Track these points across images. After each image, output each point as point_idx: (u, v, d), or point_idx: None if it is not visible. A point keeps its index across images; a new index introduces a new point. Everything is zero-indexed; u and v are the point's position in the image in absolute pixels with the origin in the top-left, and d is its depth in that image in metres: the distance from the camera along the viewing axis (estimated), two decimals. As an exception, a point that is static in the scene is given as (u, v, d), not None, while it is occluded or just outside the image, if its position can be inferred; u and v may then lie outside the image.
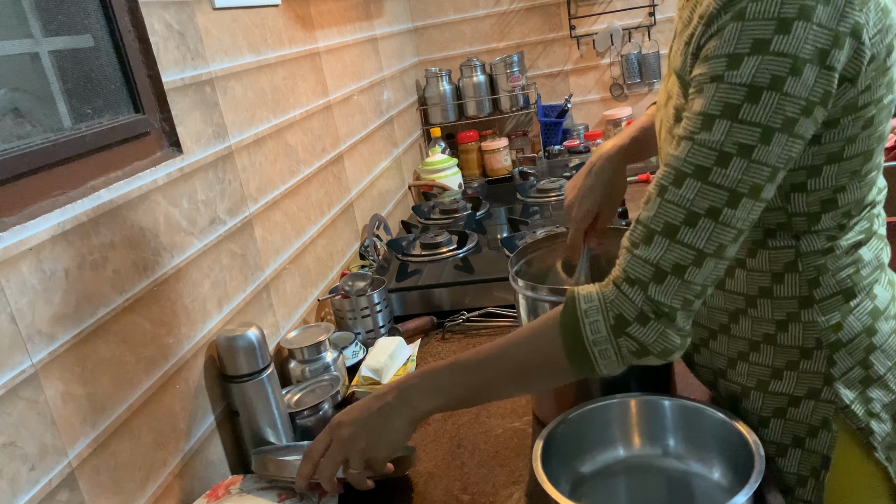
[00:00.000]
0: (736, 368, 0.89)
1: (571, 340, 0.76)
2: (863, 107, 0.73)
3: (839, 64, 0.68)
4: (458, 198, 2.14)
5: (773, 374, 0.85)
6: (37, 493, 0.71)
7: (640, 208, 0.75)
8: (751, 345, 0.86)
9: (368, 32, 2.11)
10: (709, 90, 0.70)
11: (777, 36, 0.66)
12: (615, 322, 0.74)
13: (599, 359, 0.76)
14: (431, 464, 1.04)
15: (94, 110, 0.91)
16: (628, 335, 0.74)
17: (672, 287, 0.72)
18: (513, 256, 1.13)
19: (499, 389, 0.86)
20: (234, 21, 1.27)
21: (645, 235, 0.73)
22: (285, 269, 1.36)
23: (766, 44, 0.66)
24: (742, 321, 0.85)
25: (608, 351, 0.75)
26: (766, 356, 0.85)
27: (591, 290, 0.77)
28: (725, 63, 0.68)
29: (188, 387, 0.99)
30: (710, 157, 0.69)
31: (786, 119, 0.68)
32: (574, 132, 2.72)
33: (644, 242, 0.73)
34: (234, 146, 1.22)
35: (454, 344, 1.41)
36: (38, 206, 0.78)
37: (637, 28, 2.65)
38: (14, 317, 0.71)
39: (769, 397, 0.87)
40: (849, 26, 0.67)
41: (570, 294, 0.78)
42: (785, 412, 0.86)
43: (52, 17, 0.86)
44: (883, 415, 0.82)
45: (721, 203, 0.70)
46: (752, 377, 0.87)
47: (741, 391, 0.90)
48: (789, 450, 0.87)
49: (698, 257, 0.71)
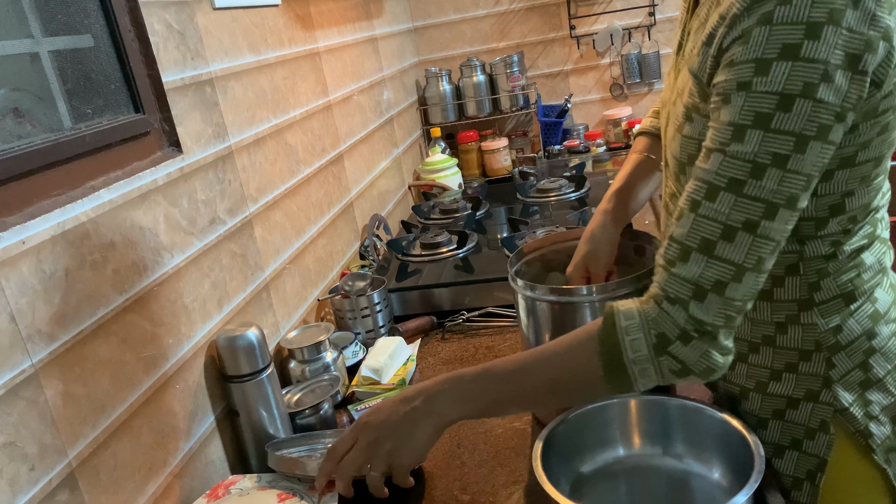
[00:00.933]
0: (735, 369, 0.89)
1: (609, 358, 0.74)
2: (882, 112, 0.72)
3: (871, 68, 0.66)
4: (457, 198, 2.14)
5: (771, 375, 0.85)
6: (37, 493, 0.71)
7: (671, 224, 0.74)
8: (750, 346, 0.86)
9: (368, 32, 2.11)
10: (737, 99, 0.68)
11: (807, 42, 0.64)
12: (657, 341, 0.72)
13: (639, 377, 0.74)
14: (431, 464, 1.04)
15: (94, 110, 0.91)
16: (670, 354, 0.72)
17: (713, 305, 0.70)
18: (512, 256, 1.13)
19: (529, 402, 0.84)
20: (234, 21, 1.27)
21: (681, 253, 0.72)
22: (285, 268, 1.36)
23: (795, 49, 0.65)
24: (742, 323, 0.85)
25: (648, 370, 0.73)
26: (765, 358, 0.85)
27: (630, 307, 0.74)
28: (753, 69, 0.67)
29: (188, 387, 0.99)
30: (744, 168, 0.68)
31: (820, 126, 0.66)
32: (574, 132, 2.72)
33: (681, 260, 0.71)
34: (234, 146, 1.22)
35: (454, 344, 1.41)
36: (38, 205, 0.78)
37: (637, 28, 2.65)
38: (14, 317, 0.71)
39: (768, 399, 0.87)
40: (881, 30, 0.65)
41: (608, 310, 0.76)
42: (783, 414, 0.86)
43: (51, 17, 0.86)
44: (882, 417, 0.81)
45: (758, 216, 0.68)
46: (751, 378, 0.87)
47: (740, 392, 0.90)
48: (786, 451, 0.87)
49: (738, 272, 0.69)
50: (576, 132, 2.72)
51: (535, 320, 1.03)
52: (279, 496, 0.94)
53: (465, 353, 1.36)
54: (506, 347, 1.36)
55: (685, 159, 0.82)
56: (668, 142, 0.87)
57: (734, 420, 0.85)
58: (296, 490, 0.95)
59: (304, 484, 0.96)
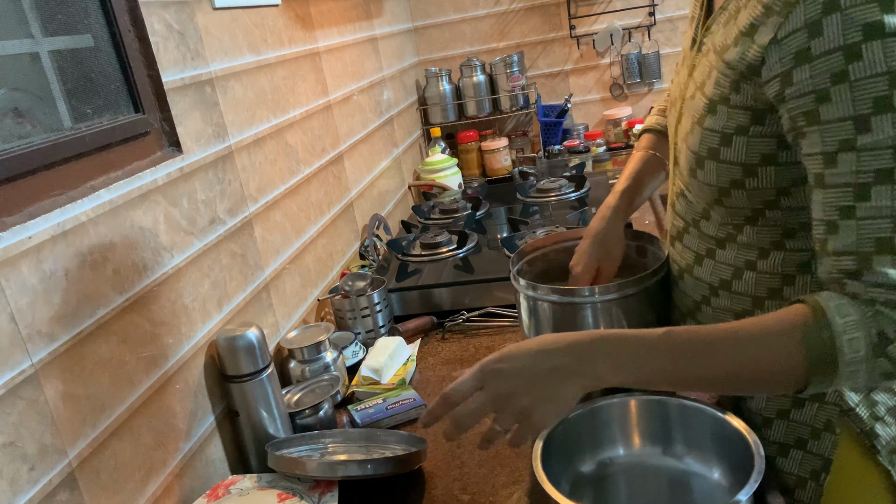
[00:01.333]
0: None
1: (818, 354, 0.67)
2: None
3: None
4: (457, 198, 2.14)
5: None
6: (36, 493, 0.71)
7: (820, 241, 0.71)
8: None
9: (368, 32, 2.11)
10: (839, 93, 0.66)
11: (885, 16, 0.63)
12: (878, 340, 0.66)
13: (845, 379, 0.68)
14: (431, 463, 1.04)
15: (94, 110, 0.91)
16: (887, 356, 0.67)
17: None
18: (514, 256, 1.13)
19: (704, 385, 0.76)
20: (234, 21, 1.27)
21: (862, 261, 0.67)
22: (285, 268, 1.36)
23: (878, 26, 0.63)
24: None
25: (858, 372, 0.67)
26: None
27: (841, 302, 0.68)
28: (842, 57, 0.65)
29: (188, 387, 0.99)
30: (886, 155, 0.65)
31: None
32: (574, 132, 2.72)
33: (866, 269, 0.67)
34: (234, 146, 1.22)
35: (454, 344, 1.41)
36: (37, 205, 0.78)
37: (637, 28, 2.65)
38: (14, 316, 0.71)
39: (773, 398, 0.87)
40: None
41: (814, 303, 0.69)
42: (788, 413, 0.86)
43: (51, 17, 0.85)
44: (888, 418, 0.81)
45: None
46: None
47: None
48: (791, 451, 0.87)
49: None
50: (576, 132, 2.72)
51: (536, 320, 1.03)
52: (279, 496, 0.94)
53: (466, 352, 1.36)
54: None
55: (704, 153, 0.81)
56: (683, 137, 0.86)
57: (734, 420, 0.85)
58: (296, 490, 0.95)
59: (304, 484, 0.96)
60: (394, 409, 1.16)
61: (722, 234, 0.87)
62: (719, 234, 0.87)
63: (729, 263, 0.87)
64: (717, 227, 0.87)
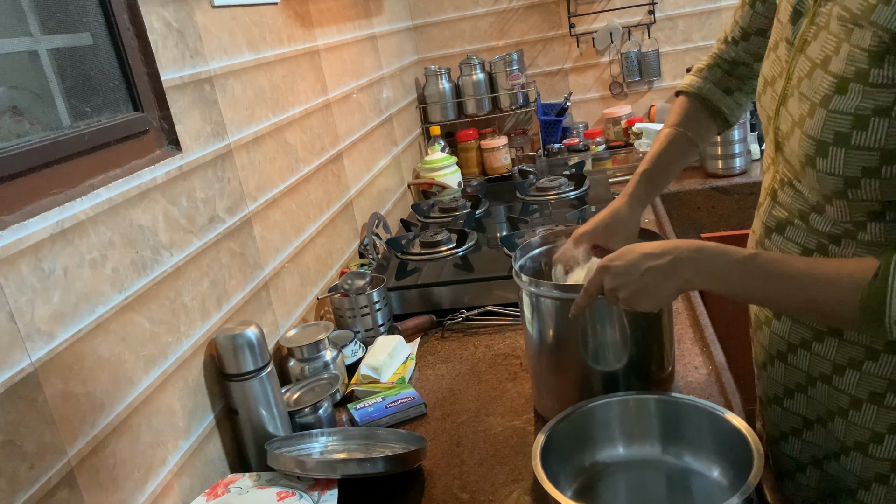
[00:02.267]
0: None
1: (870, 309, 0.70)
2: None
3: None
4: (457, 196, 2.14)
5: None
6: (36, 492, 0.71)
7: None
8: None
9: (368, 30, 2.11)
10: None
11: None
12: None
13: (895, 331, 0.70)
14: (431, 462, 1.04)
15: (93, 108, 0.91)
16: None
17: None
18: (516, 252, 1.13)
19: (781, 307, 0.85)
20: (234, 19, 1.27)
21: None
22: (284, 267, 1.36)
23: None
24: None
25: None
26: (885, 367, 0.81)
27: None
28: None
29: (187, 385, 0.99)
30: None
31: None
32: (573, 130, 2.72)
33: None
34: (234, 144, 1.22)
35: (453, 342, 1.41)
36: (36, 204, 0.78)
37: (637, 26, 2.65)
38: (13, 315, 0.71)
39: (884, 412, 0.82)
40: None
41: (885, 261, 0.69)
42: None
43: (50, 16, 0.85)
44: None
45: None
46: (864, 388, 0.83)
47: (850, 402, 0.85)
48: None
49: None
50: (575, 130, 2.72)
51: (539, 317, 1.03)
52: (278, 494, 0.94)
53: (465, 351, 1.36)
54: (505, 346, 1.36)
55: (829, 138, 0.72)
56: (796, 121, 0.78)
57: (733, 418, 0.85)
58: (295, 488, 0.95)
59: (303, 482, 0.96)
60: (393, 408, 1.16)
61: (838, 231, 0.79)
62: (834, 230, 0.79)
63: None
64: (832, 223, 0.79)
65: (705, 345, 1.22)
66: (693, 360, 1.18)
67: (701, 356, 1.19)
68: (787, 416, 0.92)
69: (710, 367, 1.15)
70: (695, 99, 1.12)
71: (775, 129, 0.83)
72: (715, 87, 1.12)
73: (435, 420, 1.15)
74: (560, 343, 1.02)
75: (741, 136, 2.19)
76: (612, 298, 0.88)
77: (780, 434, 0.94)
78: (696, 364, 1.17)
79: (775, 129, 0.83)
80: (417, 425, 1.15)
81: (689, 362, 1.17)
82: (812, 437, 0.89)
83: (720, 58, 1.11)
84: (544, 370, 1.06)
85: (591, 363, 1.00)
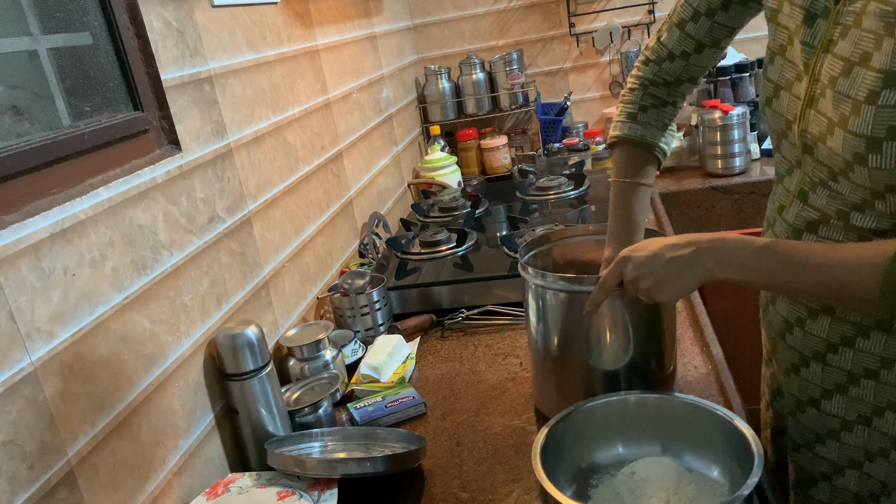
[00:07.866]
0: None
1: (890, 291, 0.71)
2: None
3: None
4: (457, 196, 2.14)
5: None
6: (35, 492, 0.71)
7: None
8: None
9: (367, 30, 2.11)
10: None
11: None
12: None
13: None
14: (430, 461, 1.04)
15: (93, 108, 0.91)
16: None
17: None
18: (521, 248, 1.13)
19: (800, 292, 0.85)
20: (233, 19, 1.27)
21: None
22: (284, 267, 1.36)
23: None
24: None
25: None
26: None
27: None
28: None
29: (187, 385, 0.99)
30: None
31: None
32: (573, 130, 2.72)
33: None
34: (233, 144, 1.22)
35: (453, 342, 1.41)
36: (36, 203, 0.78)
37: (636, 26, 2.65)
38: (13, 315, 0.71)
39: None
40: None
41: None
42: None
43: (50, 15, 0.85)
44: None
45: None
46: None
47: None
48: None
49: None
50: (575, 130, 2.72)
51: (543, 310, 1.03)
52: (279, 494, 0.94)
53: (465, 351, 1.36)
54: (505, 345, 1.36)
55: (882, 133, 0.71)
56: (837, 122, 0.76)
57: (733, 418, 0.85)
58: (295, 488, 0.95)
59: (303, 482, 0.96)
60: (393, 407, 1.16)
61: (884, 226, 0.78)
62: (879, 226, 0.78)
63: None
64: (877, 219, 0.78)
65: (705, 344, 1.22)
66: (693, 359, 1.18)
67: (701, 355, 1.19)
68: (824, 418, 0.90)
69: (709, 367, 1.15)
70: (636, 145, 1.10)
71: (801, 131, 0.82)
72: (654, 128, 1.10)
73: (435, 419, 1.15)
74: (564, 338, 1.02)
75: (741, 136, 2.19)
76: (631, 289, 0.89)
77: (814, 437, 0.92)
78: (696, 363, 1.17)
79: (801, 131, 0.82)
80: (417, 425, 1.15)
81: (688, 361, 1.17)
82: (850, 439, 0.88)
83: (655, 80, 1.10)
84: (546, 367, 1.06)
85: (594, 361, 1.00)
